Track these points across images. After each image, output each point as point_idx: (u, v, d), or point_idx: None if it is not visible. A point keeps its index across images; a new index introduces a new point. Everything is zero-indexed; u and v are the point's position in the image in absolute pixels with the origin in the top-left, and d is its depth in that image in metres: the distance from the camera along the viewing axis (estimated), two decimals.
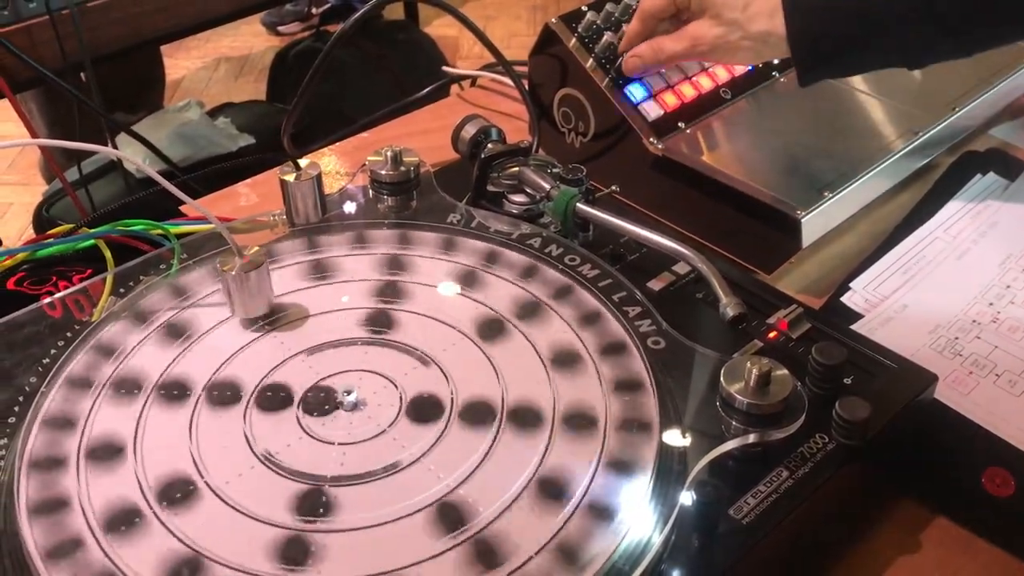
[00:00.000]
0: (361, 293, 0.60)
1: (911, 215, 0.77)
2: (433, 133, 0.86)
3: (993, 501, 0.53)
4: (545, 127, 0.83)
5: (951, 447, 0.57)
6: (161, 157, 1.17)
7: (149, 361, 0.55)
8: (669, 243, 0.61)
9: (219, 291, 0.59)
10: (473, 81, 1.02)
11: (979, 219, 0.76)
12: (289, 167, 0.65)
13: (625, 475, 0.47)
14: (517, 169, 0.69)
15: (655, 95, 0.78)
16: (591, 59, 0.78)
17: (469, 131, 0.73)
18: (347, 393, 0.52)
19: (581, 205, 0.64)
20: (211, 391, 0.53)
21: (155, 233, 0.68)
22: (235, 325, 0.57)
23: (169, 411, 0.51)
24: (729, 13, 0.69)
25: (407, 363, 0.54)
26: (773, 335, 0.57)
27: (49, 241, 0.69)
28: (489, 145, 0.71)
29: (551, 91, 0.82)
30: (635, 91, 0.77)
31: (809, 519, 0.50)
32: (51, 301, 0.59)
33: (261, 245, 0.59)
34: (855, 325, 0.65)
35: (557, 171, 0.68)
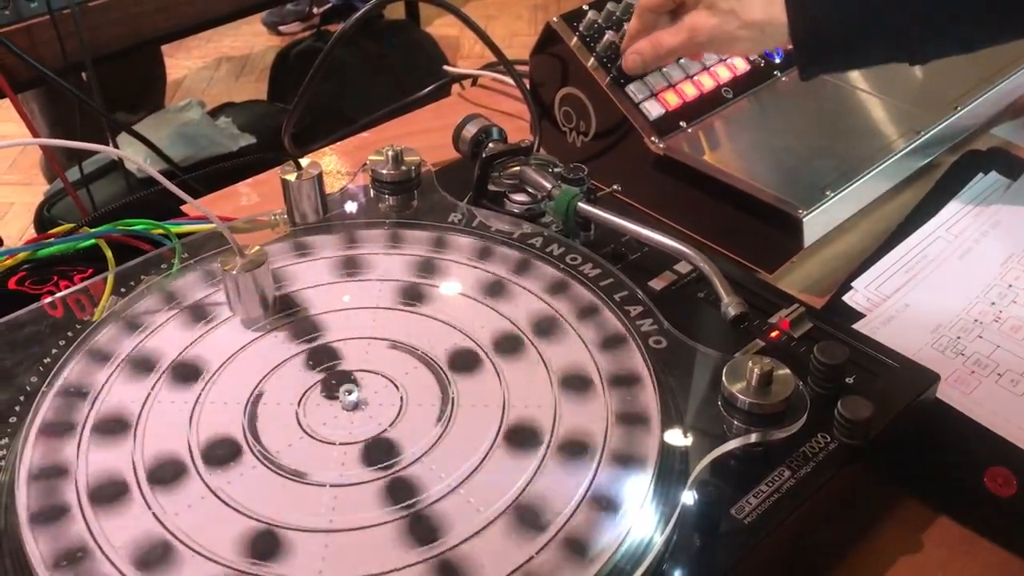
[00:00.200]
0: (361, 292, 0.60)
1: (913, 214, 0.77)
2: (434, 132, 0.85)
3: (995, 501, 0.53)
4: (546, 126, 0.83)
5: (953, 447, 0.57)
6: (162, 157, 1.17)
7: (140, 368, 0.54)
8: (670, 242, 0.61)
9: (216, 292, 0.59)
10: (474, 80, 1.02)
11: (981, 218, 0.76)
12: (290, 167, 0.65)
13: (627, 473, 0.47)
14: (518, 168, 0.69)
15: (656, 94, 0.77)
16: (592, 58, 0.78)
17: (470, 130, 0.73)
18: (348, 393, 0.52)
19: (582, 204, 0.64)
20: (211, 391, 0.53)
21: (156, 233, 0.68)
22: (236, 324, 0.57)
23: (168, 412, 0.51)
24: (724, 3, 0.69)
25: (408, 363, 0.54)
26: (775, 334, 0.57)
27: (50, 241, 0.69)
28: (490, 144, 0.71)
29: (552, 90, 0.82)
30: (636, 90, 0.77)
31: (811, 519, 0.50)
32: (52, 301, 0.59)
33: (262, 245, 0.59)
34: (857, 324, 0.65)
35: (558, 170, 0.68)
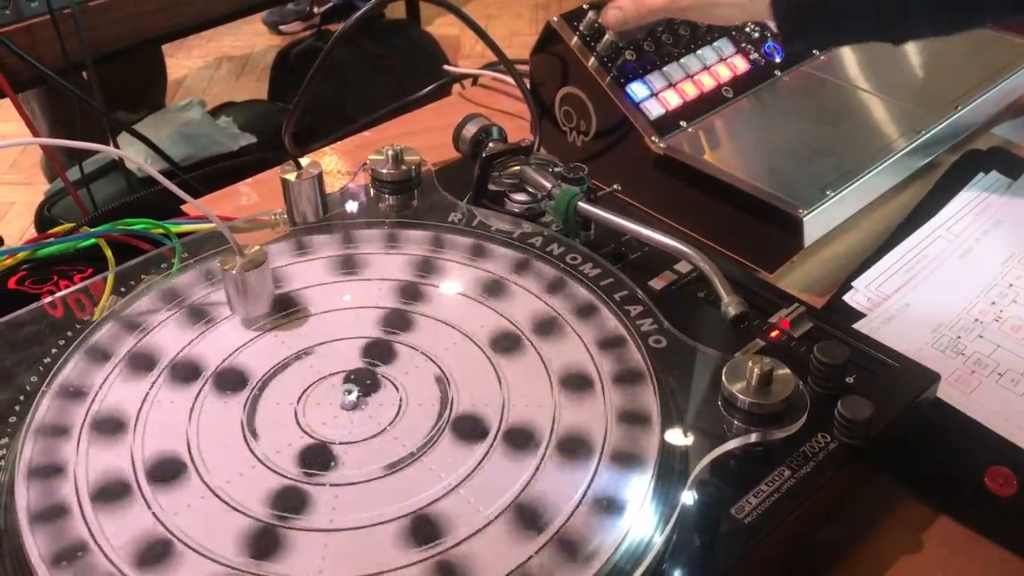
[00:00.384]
0: (362, 292, 0.60)
1: (913, 214, 0.77)
2: (434, 132, 0.85)
3: (996, 500, 0.53)
4: (546, 126, 0.83)
5: (953, 446, 0.57)
6: (163, 156, 1.16)
7: (140, 367, 0.54)
8: (671, 242, 0.61)
9: (215, 291, 0.59)
10: (474, 80, 1.02)
11: (982, 218, 0.76)
12: (290, 166, 0.65)
13: (627, 473, 0.47)
14: (518, 168, 0.69)
15: (657, 94, 0.77)
16: (593, 58, 0.78)
17: (470, 130, 0.73)
18: (347, 392, 0.52)
19: (582, 204, 0.64)
20: (210, 390, 0.53)
21: (156, 232, 0.68)
22: (236, 324, 0.57)
23: (168, 412, 0.51)
24: None
25: (408, 362, 0.54)
26: (775, 334, 0.57)
27: (50, 240, 0.69)
28: (490, 144, 0.71)
29: (553, 90, 0.82)
30: (637, 89, 0.77)
31: (811, 519, 0.50)
32: (52, 300, 0.59)
33: (262, 244, 0.59)
34: (857, 324, 0.65)
35: (558, 170, 0.68)
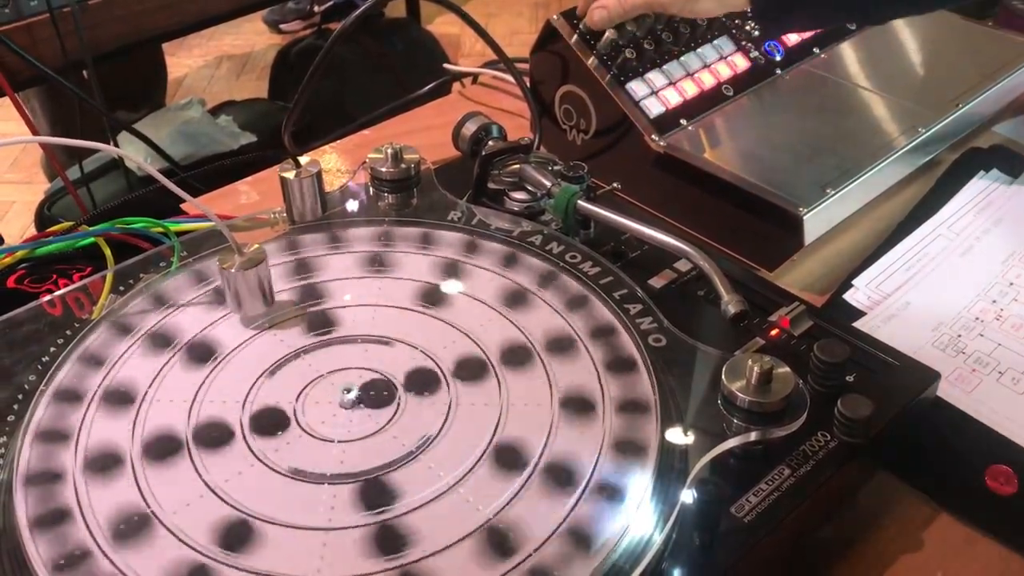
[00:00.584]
0: (361, 291, 0.60)
1: (914, 212, 0.77)
2: (434, 130, 0.85)
3: (996, 499, 0.53)
4: (546, 124, 0.83)
5: (954, 445, 0.56)
6: (163, 155, 1.16)
7: (140, 368, 0.54)
8: (671, 240, 0.61)
9: (212, 290, 0.59)
10: (474, 78, 1.02)
11: (982, 216, 0.75)
12: (289, 164, 0.65)
13: (626, 470, 0.47)
14: (518, 166, 0.69)
15: (657, 92, 0.77)
16: (593, 56, 0.77)
17: (470, 128, 0.73)
18: (347, 391, 0.52)
19: (582, 202, 0.64)
20: (208, 389, 0.52)
21: (155, 231, 0.68)
22: (234, 323, 0.57)
23: (169, 412, 0.51)
24: None
25: (407, 361, 0.54)
26: (775, 333, 0.57)
27: (49, 239, 0.69)
28: (490, 142, 0.71)
29: (552, 88, 0.82)
30: (637, 87, 0.77)
31: (811, 517, 0.50)
32: (51, 299, 0.59)
33: (261, 243, 0.59)
34: (858, 322, 0.65)
35: (558, 168, 0.68)
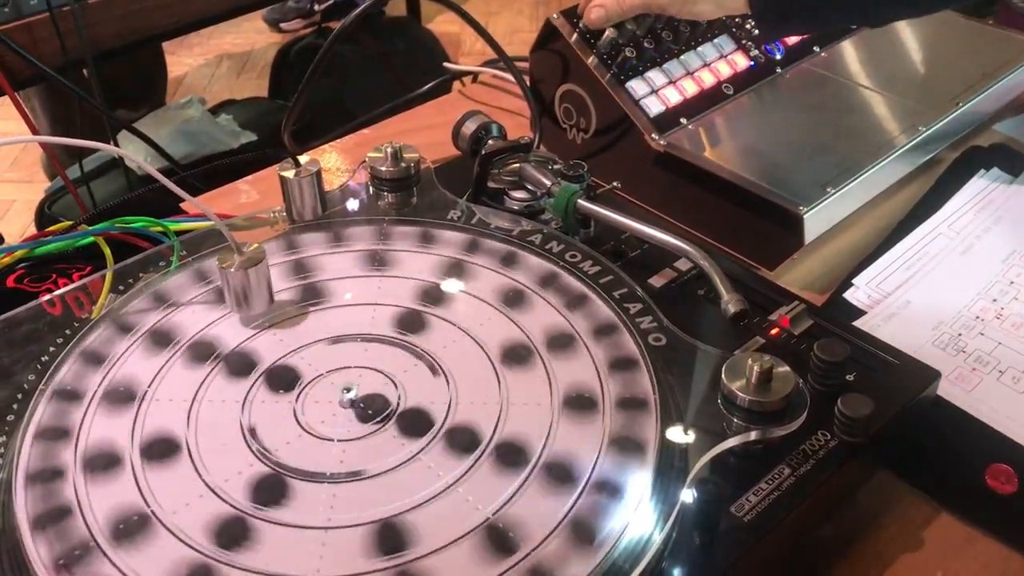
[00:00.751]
0: (361, 289, 0.60)
1: (914, 211, 0.76)
2: (434, 129, 0.85)
3: (996, 498, 0.53)
4: (546, 123, 0.83)
5: (954, 444, 0.56)
6: (163, 154, 1.16)
7: (139, 367, 0.54)
8: (671, 239, 0.61)
9: (211, 290, 0.59)
10: (474, 77, 1.02)
11: (983, 215, 0.75)
12: (289, 163, 0.65)
13: (625, 472, 0.47)
14: (518, 165, 0.69)
15: (657, 91, 0.77)
16: (593, 55, 0.77)
17: (470, 127, 0.73)
18: (346, 390, 0.52)
19: (582, 201, 0.64)
20: (208, 388, 0.52)
21: (155, 230, 0.68)
22: (234, 322, 0.57)
23: (168, 411, 0.51)
24: None
25: (407, 360, 0.54)
26: (775, 332, 0.57)
27: (48, 238, 0.69)
28: (490, 141, 0.71)
29: (552, 87, 0.82)
30: (637, 86, 0.77)
31: (811, 517, 0.50)
32: (51, 298, 0.59)
33: (260, 242, 0.59)
34: (858, 321, 0.64)
35: (558, 167, 0.68)
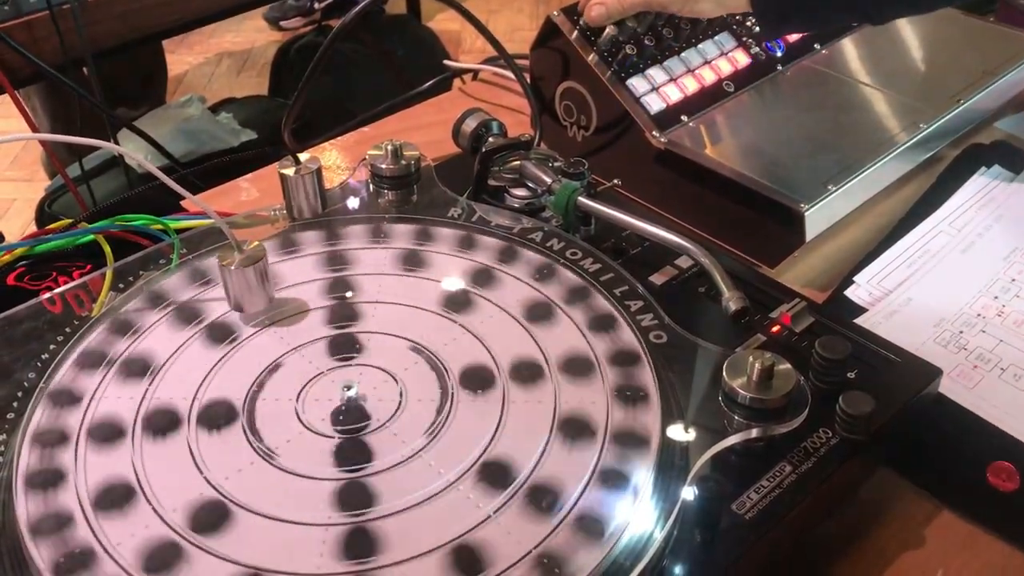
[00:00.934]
0: (361, 287, 0.60)
1: (916, 208, 0.76)
2: (435, 127, 0.85)
3: (998, 495, 0.53)
4: (547, 121, 0.83)
5: (956, 442, 0.56)
6: (163, 153, 1.16)
7: (140, 366, 0.54)
8: (671, 237, 0.61)
9: (215, 286, 0.59)
10: (475, 75, 1.02)
11: (984, 212, 0.75)
12: (289, 161, 0.65)
13: (627, 467, 0.47)
14: (518, 163, 0.68)
15: (658, 88, 0.77)
16: (593, 52, 0.77)
17: (470, 125, 0.73)
18: (347, 388, 0.52)
19: (583, 199, 0.64)
20: (209, 387, 0.52)
21: (155, 228, 0.68)
22: (234, 320, 0.57)
23: (168, 410, 0.51)
24: None
25: (408, 358, 0.54)
26: (776, 329, 0.57)
27: (48, 236, 0.69)
28: (490, 139, 0.71)
29: (553, 84, 0.82)
30: (638, 84, 0.77)
31: (812, 514, 0.50)
32: (51, 296, 0.59)
33: (261, 240, 0.58)
34: (859, 319, 0.64)
35: (559, 165, 0.68)
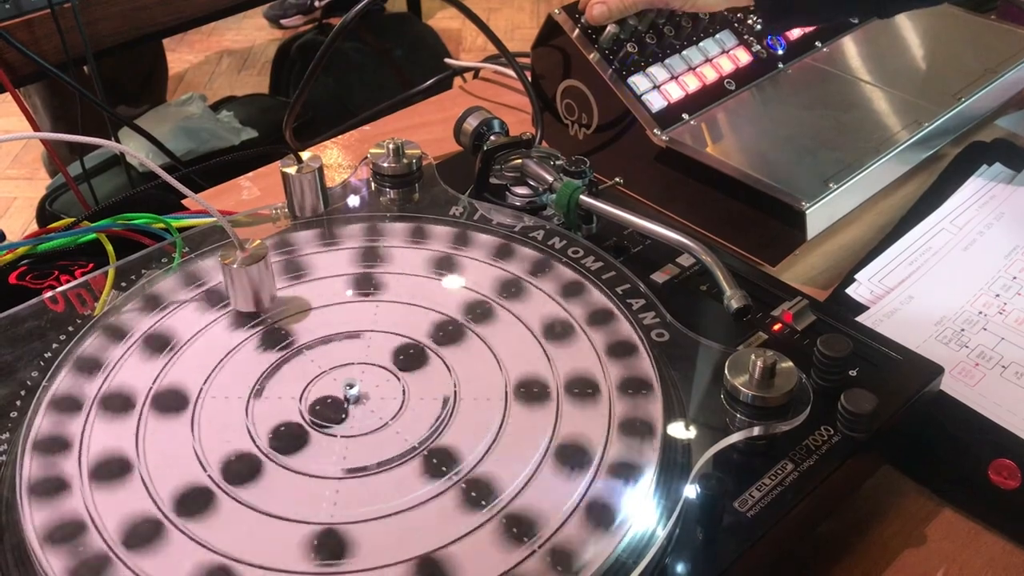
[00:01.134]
0: (363, 286, 0.60)
1: (917, 206, 0.76)
2: (436, 125, 0.85)
3: (1000, 493, 0.53)
4: (548, 119, 0.83)
5: (957, 439, 0.56)
6: (164, 151, 1.16)
7: (142, 367, 0.53)
8: (673, 235, 0.61)
9: (213, 287, 0.59)
10: (476, 73, 1.02)
11: (985, 210, 0.75)
12: (290, 160, 0.65)
13: (629, 469, 0.47)
14: (520, 161, 0.69)
15: (659, 86, 0.77)
16: (594, 50, 0.77)
17: (471, 123, 0.72)
18: (350, 387, 0.52)
19: (584, 197, 0.64)
20: (211, 388, 0.52)
21: (157, 227, 0.68)
22: (236, 318, 0.57)
23: (168, 414, 0.51)
24: None
25: (409, 357, 0.54)
26: (778, 327, 0.57)
27: (50, 235, 0.69)
28: (491, 137, 0.71)
29: (554, 83, 0.82)
30: (639, 82, 0.77)
31: (814, 512, 0.50)
32: (53, 295, 0.59)
33: (263, 238, 0.59)
34: (860, 317, 0.64)
35: (560, 163, 0.68)
